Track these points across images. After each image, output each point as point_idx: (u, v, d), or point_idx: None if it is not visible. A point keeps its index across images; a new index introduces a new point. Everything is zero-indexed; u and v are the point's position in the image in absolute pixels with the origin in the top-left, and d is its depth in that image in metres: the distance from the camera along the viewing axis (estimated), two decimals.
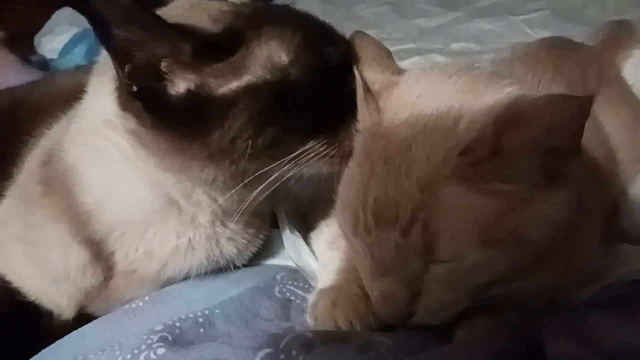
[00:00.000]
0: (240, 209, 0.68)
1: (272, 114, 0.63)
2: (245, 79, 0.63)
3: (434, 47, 1.62)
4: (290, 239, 0.78)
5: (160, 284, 0.74)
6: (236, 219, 0.71)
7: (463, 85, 0.60)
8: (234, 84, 0.62)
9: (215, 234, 0.73)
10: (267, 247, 0.81)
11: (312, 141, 0.65)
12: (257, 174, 0.64)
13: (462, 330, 0.58)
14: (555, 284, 0.61)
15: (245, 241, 0.76)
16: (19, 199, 0.77)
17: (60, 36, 1.87)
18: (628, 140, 0.90)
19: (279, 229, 0.81)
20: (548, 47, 1.01)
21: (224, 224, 0.73)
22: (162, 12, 0.68)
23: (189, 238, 0.72)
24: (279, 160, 0.64)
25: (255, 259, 0.80)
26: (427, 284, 0.57)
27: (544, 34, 1.40)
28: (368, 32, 1.89)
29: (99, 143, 0.70)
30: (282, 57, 0.64)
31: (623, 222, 0.84)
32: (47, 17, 2.02)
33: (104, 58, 0.65)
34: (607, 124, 0.89)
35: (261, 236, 0.79)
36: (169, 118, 0.63)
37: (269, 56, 0.63)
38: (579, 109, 0.50)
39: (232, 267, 0.77)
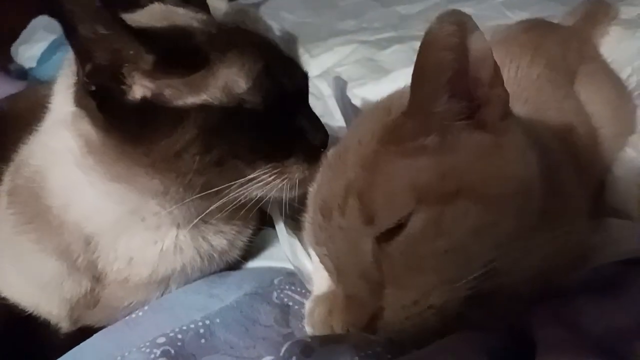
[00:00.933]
0: (207, 216, 0.71)
1: (222, 136, 0.65)
2: (202, 98, 0.64)
3: (415, 34, 1.61)
4: (286, 239, 0.79)
5: (157, 287, 0.75)
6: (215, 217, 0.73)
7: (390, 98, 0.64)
8: (190, 100, 0.64)
9: (200, 232, 0.74)
10: (263, 248, 0.82)
11: (260, 169, 0.67)
12: (209, 191, 0.66)
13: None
14: (546, 267, 0.61)
15: (233, 232, 0.78)
16: None
17: (38, 44, 1.84)
18: (611, 116, 0.91)
19: (275, 229, 0.82)
20: (527, 29, 1.02)
21: (204, 222, 0.74)
22: (134, 16, 0.69)
23: (173, 240, 0.72)
24: (228, 182, 0.66)
25: (251, 260, 0.81)
26: (387, 269, 0.54)
27: (524, 15, 1.40)
28: (348, 22, 1.92)
29: (57, 144, 0.70)
30: (241, 84, 0.66)
31: (610, 198, 0.85)
32: (24, 26, 2.00)
33: (71, 54, 0.66)
34: (590, 101, 0.90)
35: (250, 226, 0.81)
36: (120, 121, 0.64)
37: (227, 81, 0.65)
38: (455, 23, 0.50)
39: (227, 263, 0.79)
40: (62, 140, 0.69)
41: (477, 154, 0.54)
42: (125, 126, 0.64)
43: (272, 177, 0.68)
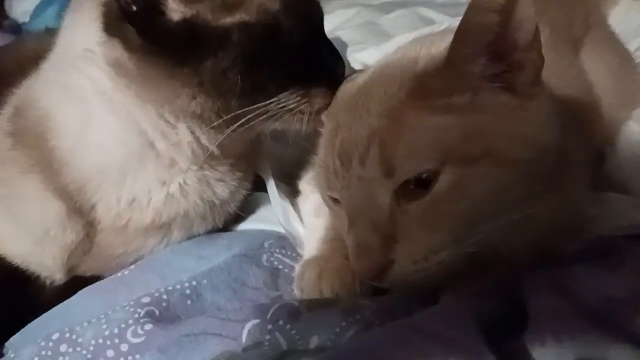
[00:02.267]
0: (219, 151, 0.72)
1: (261, 55, 0.65)
2: (239, 17, 0.65)
3: None
4: (279, 203, 0.78)
5: (158, 232, 0.74)
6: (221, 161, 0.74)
7: (419, 45, 0.62)
8: (228, 20, 0.65)
9: (205, 177, 0.74)
10: (255, 211, 0.81)
11: (287, 91, 0.67)
12: (238, 112, 0.66)
13: (447, 292, 0.57)
14: (543, 235, 0.61)
15: (235, 183, 0.78)
16: None
17: None
18: (614, 87, 0.89)
19: (267, 193, 0.81)
20: None
21: (211, 166, 0.74)
22: None
23: (180, 184, 0.72)
24: (258, 103, 0.66)
25: (242, 222, 0.80)
26: (401, 225, 0.54)
27: None
28: None
29: (73, 78, 0.69)
30: (274, 3, 0.67)
31: (610, 170, 0.84)
32: None
33: None
34: (593, 70, 0.88)
35: (248, 181, 0.81)
36: (162, 44, 0.64)
37: (261, 1, 0.66)
38: None
39: (227, 213, 0.79)
40: (80, 75, 0.68)
41: (504, 116, 0.54)
42: (169, 48, 0.64)
43: (296, 103, 0.68)
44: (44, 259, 0.73)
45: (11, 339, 0.66)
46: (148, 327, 0.58)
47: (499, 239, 0.56)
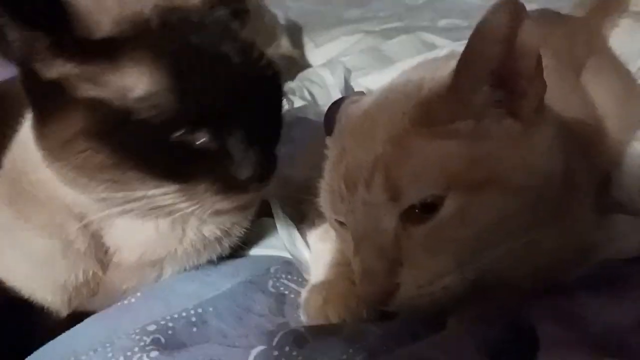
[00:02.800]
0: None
1: (111, 141, 0.59)
2: (94, 92, 0.58)
3: (421, 24, 1.60)
4: (285, 227, 0.78)
5: (151, 270, 0.73)
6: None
7: (423, 70, 0.63)
8: (84, 91, 0.59)
9: (183, 222, 0.70)
10: (261, 237, 0.81)
11: (164, 187, 0.61)
12: (102, 195, 0.62)
13: (452, 318, 0.57)
14: (550, 261, 0.61)
15: (228, 222, 0.74)
16: None
17: None
18: (617, 109, 0.90)
19: (273, 218, 0.81)
20: (534, 20, 1.00)
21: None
22: None
23: (154, 228, 0.69)
24: (132, 190, 0.61)
25: (248, 248, 0.80)
26: (406, 249, 0.55)
27: (533, 6, 1.38)
28: (353, 11, 1.91)
29: None
30: (138, 91, 0.58)
31: (615, 193, 0.84)
32: None
33: None
34: (596, 93, 0.88)
35: (251, 213, 0.78)
36: (37, 100, 0.62)
37: (127, 84, 0.58)
38: (510, 12, 0.50)
39: (228, 247, 0.77)
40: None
41: (508, 143, 0.54)
42: (40, 106, 0.62)
43: (179, 201, 0.62)
44: (43, 294, 0.72)
45: None
46: (154, 354, 0.58)
47: (504, 266, 0.56)
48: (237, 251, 0.79)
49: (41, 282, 0.71)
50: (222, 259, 0.76)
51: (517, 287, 0.60)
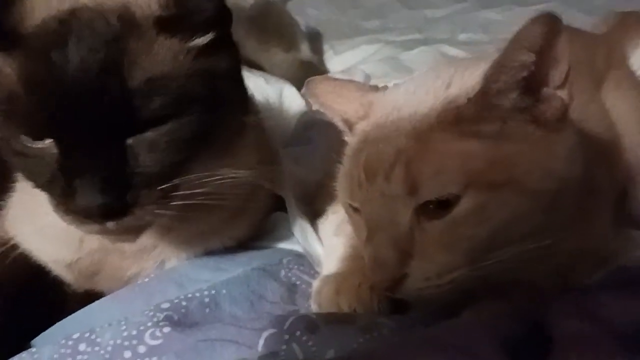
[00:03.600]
0: None
1: None
2: None
3: (440, 37, 1.61)
4: (298, 222, 0.78)
5: (153, 257, 0.73)
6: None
7: (454, 68, 0.62)
8: None
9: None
10: (274, 230, 0.81)
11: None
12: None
13: (467, 311, 0.57)
14: (566, 264, 0.61)
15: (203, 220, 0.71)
16: None
17: None
18: (636, 124, 0.90)
19: (287, 213, 0.81)
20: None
21: None
22: None
23: None
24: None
25: (261, 241, 0.80)
26: (418, 243, 0.55)
27: None
28: (372, 21, 1.92)
29: None
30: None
31: (632, 208, 0.84)
32: None
33: None
34: (615, 108, 0.89)
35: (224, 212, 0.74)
36: None
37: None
38: (547, 24, 0.52)
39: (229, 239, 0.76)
40: None
41: (529, 148, 0.55)
42: None
43: (56, 206, 0.59)
44: (59, 269, 0.74)
45: (35, 339, 0.67)
46: (166, 330, 0.58)
47: (516, 265, 0.56)
48: (250, 243, 0.80)
49: (53, 256, 0.73)
50: (236, 248, 0.77)
51: (535, 286, 0.60)
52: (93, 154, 0.56)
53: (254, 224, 0.80)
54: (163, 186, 0.58)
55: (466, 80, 0.58)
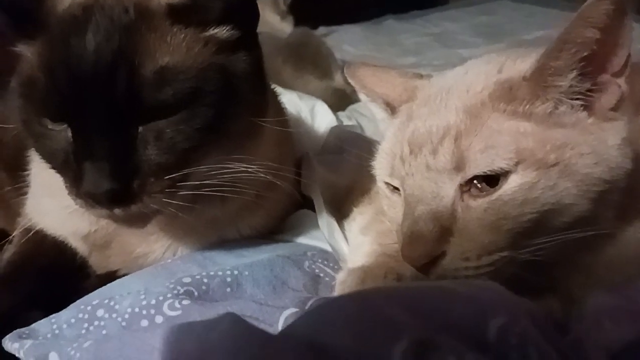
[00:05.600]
0: None
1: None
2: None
3: None
4: (325, 218, 0.78)
5: (161, 241, 0.72)
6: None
7: (506, 56, 0.62)
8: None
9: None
10: (299, 226, 0.81)
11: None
12: None
13: None
14: (607, 273, 0.58)
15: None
16: None
17: None
18: None
19: (313, 211, 0.80)
20: None
21: None
22: None
23: None
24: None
25: (287, 235, 0.80)
26: (461, 220, 0.54)
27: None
28: (408, 58, 1.94)
29: None
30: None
31: None
32: None
33: None
34: None
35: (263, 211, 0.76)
36: None
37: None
38: (612, 3, 0.51)
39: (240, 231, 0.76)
40: None
41: (579, 132, 0.54)
42: None
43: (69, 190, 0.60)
44: (75, 242, 0.75)
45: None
46: (186, 302, 0.57)
47: (557, 257, 0.55)
48: (275, 236, 0.80)
49: (70, 230, 0.74)
50: (260, 240, 0.76)
51: (571, 296, 0.57)
52: (103, 139, 0.56)
53: (271, 216, 0.79)
54: (171, 176, 0.58)
55: (518, 67, 0.58)
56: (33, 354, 0.55)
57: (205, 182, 0.61)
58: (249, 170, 0.63)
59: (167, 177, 0.58)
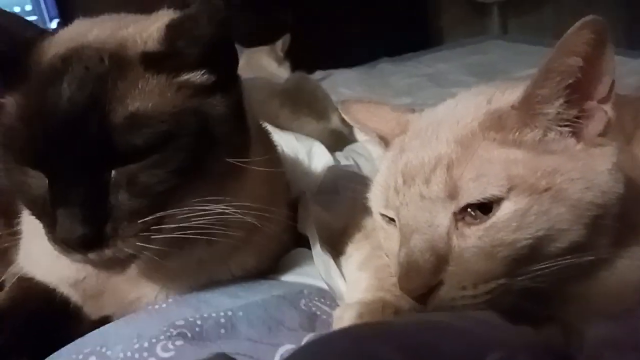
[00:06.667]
0: None
1: None
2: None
3: None
4: (320, 256, 0.77)
5: (154, 284, 0.72)
6: None
7: (495, 87, 0.63)
8: None
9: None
10: (297, 265, 0.80)
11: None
12: None
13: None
14: (603, 304, 0.58)
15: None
16: None
17: None
18: None
19: (309, 249, 0.80)
20: None
21: None
22: None
23: None
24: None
25: (284, 274, 0.79)
26: (456, 249, 0.54)
27: None
28: (401, 99, 1.98)
29: None
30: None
31: None
32: None
33: None
34: None
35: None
36: None
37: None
38: (595, 31, 0.52)
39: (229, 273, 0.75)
40: None
41: (568, 158, 0.55)
42: None
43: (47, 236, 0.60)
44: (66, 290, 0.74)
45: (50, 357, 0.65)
46: (179, 343, 0.56)
47: (554, 284, 0.54)
48: (271, 276, 0.79)
49: (59, 277, 0.73)
50: (256, 279, 0.75)
51: (571, 325, 0.56)
52: (76, 185, 0.57)
53: (263, 256, 0.78)
54: (145, 219, 0.59)
55: (506, 97, 0.59)
56: None
57: (182, 224, 0.60)
58: (227, 212, 0.63)
59: (141, 220, 0.58)
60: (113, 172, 0.58)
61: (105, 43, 0.62)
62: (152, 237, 0.59)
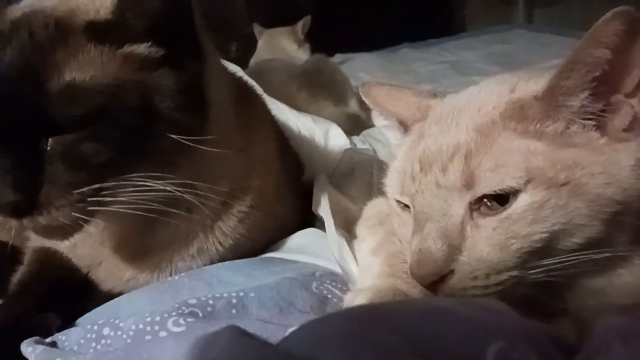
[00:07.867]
0: None
1: None
2: None
3: None
4: (335, 239, 0.77)
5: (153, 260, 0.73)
6: None
7: (518, 77, 0.61)
8: None
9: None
10: (310, 246, 0.81)
11: None
12: None
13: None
14: (619, 301, 0.57)
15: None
16: None
17: None
18: None
19: (324, 231, 0.80)
20: None
21: None
22: None
23: None
24: None
25: (296, 254, 0.79)
26: (469, 239, 0.53)
27: None
28: (424, 85, 1.95)
29: None
30: None
31: None
32: None
33: None
34: None
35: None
36: None
37: None
38: (626, 23, 0.50)
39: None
40: None
41: (590, 152, 0.54)
42: None
43: None
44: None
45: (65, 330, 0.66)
46: (190, 319, 0.57)
47: (568, 279, 0.54)
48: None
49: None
50: (270, 259, 0.76)
51: (584, 322, 0.56)
52: (8, 153, 0.57)
53: (240, 233, 0.77)
54: (80, 190, 0.58)
55: (530, 87, 0.57)
56: (41, 359, 0.57)
57: (119, 198, 0.60)
58: (167, 189, 0.62)
59: (77, 191, 0.58)
60: (50, 140, 0.57)
61: (56, 10, 0.61)
62: (89, 208, 0.59)
